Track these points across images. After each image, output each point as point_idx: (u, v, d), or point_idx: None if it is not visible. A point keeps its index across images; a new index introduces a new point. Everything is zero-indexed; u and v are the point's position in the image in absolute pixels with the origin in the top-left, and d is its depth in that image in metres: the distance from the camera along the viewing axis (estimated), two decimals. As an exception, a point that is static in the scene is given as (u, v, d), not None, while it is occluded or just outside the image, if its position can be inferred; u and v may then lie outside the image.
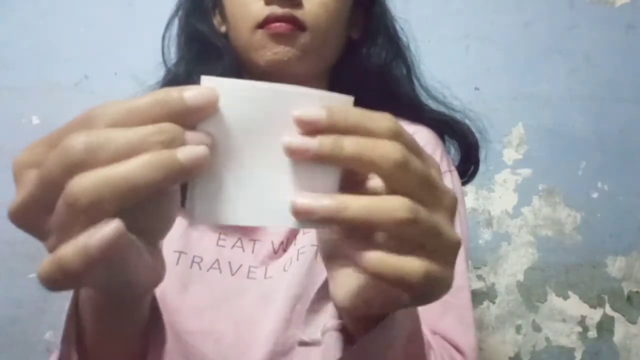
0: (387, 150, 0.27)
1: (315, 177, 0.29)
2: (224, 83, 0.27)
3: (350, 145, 0.27)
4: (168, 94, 0.26)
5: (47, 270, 0.25)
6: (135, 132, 0.25)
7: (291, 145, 0.27)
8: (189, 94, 0.26)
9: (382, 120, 0.28)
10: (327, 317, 0.53)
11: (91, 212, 0.24)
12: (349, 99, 0.30)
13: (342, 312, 0.40)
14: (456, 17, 1.10)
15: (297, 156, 0.28)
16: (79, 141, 0.25)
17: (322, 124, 0.27)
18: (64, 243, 0.25)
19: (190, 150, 0.25)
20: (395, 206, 0.27)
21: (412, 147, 0.29)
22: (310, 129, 0.28)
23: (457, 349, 0.57)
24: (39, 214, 0.27)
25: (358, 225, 0.27)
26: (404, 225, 0.27)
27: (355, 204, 0.27)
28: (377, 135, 0.28)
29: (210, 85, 0.27)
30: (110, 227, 0.24)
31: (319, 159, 0.27)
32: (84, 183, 0.24)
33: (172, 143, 0.25)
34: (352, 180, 0.30)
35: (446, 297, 0.60)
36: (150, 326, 0.45)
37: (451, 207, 0.31)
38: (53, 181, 0.25)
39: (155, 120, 0.26)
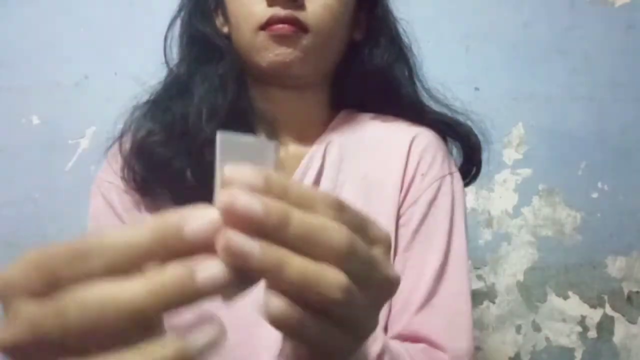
0: (333, 236, 0.25)
1: None
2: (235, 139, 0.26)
3: (299, 219, 0.25)
4: (167, 230, 0.24)
5: None
6: (144, 289, 0.24)
7: (225, 204, 0.24)
8: (189, 229, 0.24)
9: (325, 199, 0.27)
10: None
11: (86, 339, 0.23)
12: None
13: None
14: (456, 17, 1.10)
15: (234, 221, 0.24)
16: (75, 305, 0.23)
17: (267, 187, 0.25)
18: None
19: (213, 269, 0.24)
20: (335, 281, 0.25)
21: (358, 225, 0.27)
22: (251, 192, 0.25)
23: (441, 348, 0.57)
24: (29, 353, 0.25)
25: (290, 289, 0.25)
26: (336, 306, 0.26)
27: (294, 267, 0.25)
28: (320, 210, 0.26)
29: (213, 214, 0.24)
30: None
31: (261, 231, 0.24)
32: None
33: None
34: None
35: (433, 302, 0.60)
36: None
37: (388, 293, 0.30)
38: (47, 339, 0.24)
39: (155, 257, 0.24)
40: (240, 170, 0.25)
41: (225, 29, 0.67)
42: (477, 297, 1.06)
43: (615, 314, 1.06)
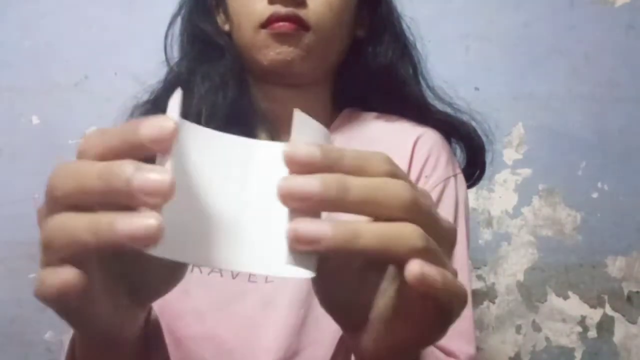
0: (397, 191, 0.25)
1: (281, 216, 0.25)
2: (183, 125, 0.26)
3: (357, 186, 0.24)
4: (127, 127, 0.25)
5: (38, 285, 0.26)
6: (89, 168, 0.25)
7: (289, 189, 0.24)
8: (144, 126, 0.24)
9: (379, 160, 0.26)
10: None
11: (52, 256, 0.25)
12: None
13: None
14: (456, 17, 1.10)
15: (297, 203, 0.24)
16: (52, 179, 0.26)
17: (316, 163, 0.24)
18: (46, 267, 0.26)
19: (130, 222, 0.23)
20: (411, 234, 0.25)
21: (411, 183, 0.27)
22: (303, 170, 0.24)
23: (450, 354, 0.57)
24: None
25: (370, 257, 0.25)
26: (422, 254, 0.25)
27: (368, 232, 0.24)
28: (376, 174, 0.26)
29: (169, 121, 0.25)
30: (60, 277, 0.25)
31: (323, 206, 0.24)
32: (50, 225, 0.25)
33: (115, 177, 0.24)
34: None
35: None
36: (149, 356, 0.43)
37: (452, 242, 0.30)
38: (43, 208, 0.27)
39: (117, 152, 0.25)
40: (297, 145, 0.25)
41: (226, 27, 0.66)
42: (477, 297, 1.06)
43: (615, 314, 1.06)
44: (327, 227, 0.24)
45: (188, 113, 0.61)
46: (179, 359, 0.59)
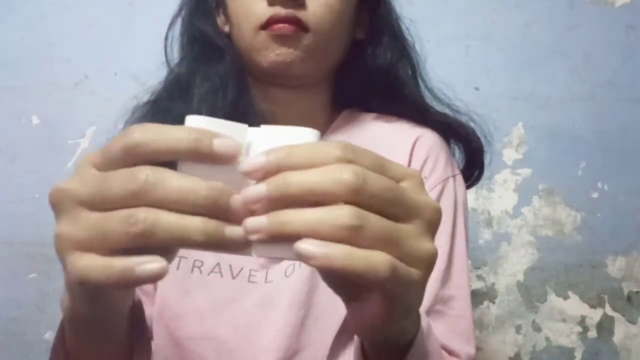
0: (336, 177, 0.27)
1: None
2: (204, 122, 0.29)
3: (296, 180, 0.27)
4: (202, 135, 0.28)
5: (92, 270, 0.28)
6: (192, 182, 0.28)
7: (244, 199, 0.28)
8: (218, 142, 0.28)
9: (328, 147, 0.28)
10: None
11: (141, 240, 0.27)
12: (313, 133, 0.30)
13: (365, 344, 0.40)
14: (456, 17, 1.10)
15: (257, 205, 0.28)
16: (143, 172, 0.27)
17: (267, 168, 0.28)
18: (106, 248, 0.28)
19: (237, 232, 0.28)
20: (337, 215, 0.27)
21: (371, 163, 0.29)
22: (260, 177, 0.28)
23: (452, 353, 0.57)
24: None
25: (303, 237, 0.27)
26: (351, 233, 0.26)
27: (296, 217, 0.27)
28: (326, 164, 0.27)
29: (199, 123, 0.29)
30: (156, 266, 0.27)
31: (273, 203, 0.27)
32: (150, 216, 0.27)
33: (219, 200, 0.27)
34: None
35: (438, 307, 0.60)
36: (135, 338, 0.44)
37: (429, 220, 0.30)
38: (115, 198, 0.28)
39: (181, 155, 0.28)
40: (243, 162, 0.28)
41: (226, 28, 0.66)
42: (477, 297, 1.06)
43: (615, 314, 1.06)
44: (263, 219, 0.27)
45: (188, 114, 0.61)
46: (179, 359, 0.59)
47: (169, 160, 0.28)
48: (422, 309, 0.57)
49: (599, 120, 1.09)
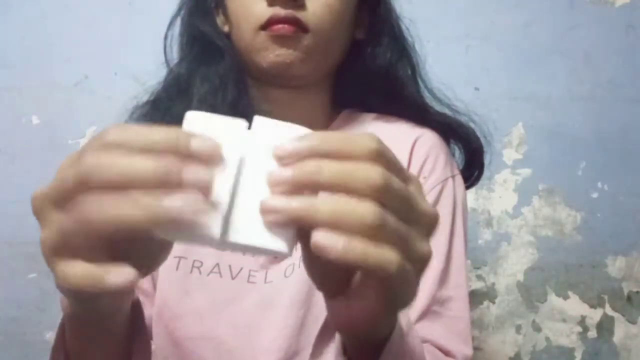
0: (367, 175, 0.28)
1: None
2: (204, 117, 0.29)
3: (328, 171, 0.28)
4: (178, 137, 0.28)
5: (73, 278, 0.28)
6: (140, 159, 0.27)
7: (271, 179, 0.28)
8: (196, 142, 0.27)
9: (363, 141, 0.29)
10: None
11: (88, 229, 0.26)
12: None
13: (346, 341, 0.41)
14: (456, 17, 1.10)
15: (280, 187, 0.28)
16: (90, 158, 0.27)
17: (302, 153, 0.28)
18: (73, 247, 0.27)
19: (183, 200, 0.26)
20: (364, 211, 0.27)
21: (394, 166, 0.30)
22: (291, 161, 0.28)
23: (448, 354, 0.57)
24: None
25: (323, 227, 0.27)
26: (372, 230, 0.27)
27: (324, 205, 0.27)
28: (358, 158, 0.28)
29: (197, 121, 0.29)
30: (123, 276, 0.27)
31: (300, 187, 0.28)
32: (87, 204, 0.26)
33: (169, 176, 0.26)
34: None
35: (435, 308, 0.60)
36: (134, 338, 0.44)
37: (428, 226, 0.31)
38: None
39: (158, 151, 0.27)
40: (283, 146, 0.28)
41: (226, 28, 0.66)
42: (477, 297, 1.06)
43: (615, 314, 1.06)
44: (289, 200, 0.27)
45: None
46: (179, 359, 0.59)
47: None
48: (418, 309, 0.57)
49: (599, 120, 1.09)
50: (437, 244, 0.61)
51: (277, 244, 0.28)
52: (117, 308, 0.36)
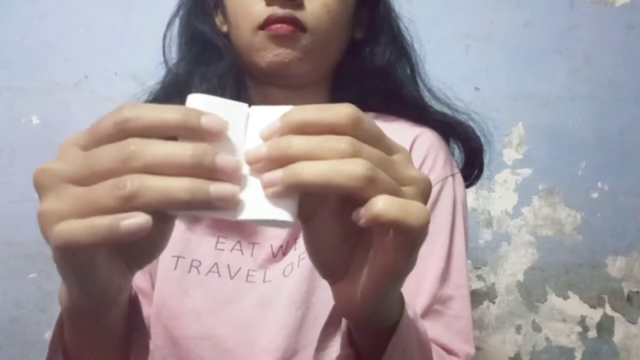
0: (335, 145, 0.28)
1: None
2: (206, 99, 0.31)
3: (297, 144, 0.29)
4: (190, 113, 0.29)
5: (75, 230, 0.27)
6: (177, 145, 0.28)
7: (247, 158, 0.30)
8: (205, 118, 0.29)
9: (338, 108, 0.30)
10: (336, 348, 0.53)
11: (129, 203, 0.27)
12: None
13: (352, 328, 0.41)
14: (456, 17, 1.10)
15: (257, 165, 0.30)
16: (131, 142, 0.28)
17: (281, 130, 0.30)
18: (93, 216, 0.27)
19: (222, 188, 0.28)
20: (353, 166, 0.28)
21: (371, 134, 0.31)
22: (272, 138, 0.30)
23: (450, 352, 0.57)
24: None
25: (318, 189, 0.28)
26: (365, 184, 0.28)
27: (311, 167, 0.28)
28: (334, 125, 0.29)
29: (200, 102, 0.31)
30: (141, 219, 0.27)
31: (274, 164, 0.29)
32: (136, 180, 0.27)
33: (204, 159, 0.28)
34: None
35: (437, 307, 0.60)
36: (132, 335, 0.44)
37: (421, 190, 0.32)
38: (103, 169, 0.28)
39: (170, 130, 0.29)
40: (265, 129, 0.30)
41: (225, 28, 0.66)
42: (477, 297, 1.06)
43: (615, 314, 1.06)
44: (280, 171, 0.29)
45: None
46: (178, 359, 0.59)
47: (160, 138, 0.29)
48: (420, 308, 0.57)
49: (599, 120, 1.09)
50: (438, 242, 0.61)
51: (281, 214, 0.30)
52: (114, 295, 0.35)
